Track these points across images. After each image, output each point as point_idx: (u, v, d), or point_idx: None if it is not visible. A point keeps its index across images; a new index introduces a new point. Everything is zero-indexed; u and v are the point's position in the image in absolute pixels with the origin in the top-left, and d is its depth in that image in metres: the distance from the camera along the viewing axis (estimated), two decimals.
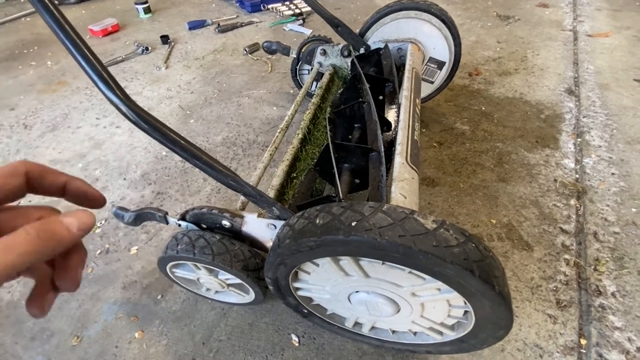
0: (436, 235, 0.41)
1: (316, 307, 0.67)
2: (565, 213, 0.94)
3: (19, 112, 1.44)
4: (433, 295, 0.49)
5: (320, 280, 0.56)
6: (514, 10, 1.98)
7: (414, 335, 0.63)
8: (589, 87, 1.37)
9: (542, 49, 1.62)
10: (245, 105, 1.40)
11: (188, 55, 1.76)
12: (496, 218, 0.94)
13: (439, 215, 0.95)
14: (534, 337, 0.71)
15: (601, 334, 0.71)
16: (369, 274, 0.50)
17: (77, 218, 0.23)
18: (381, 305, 0.54)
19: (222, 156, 1.18)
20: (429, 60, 1.10)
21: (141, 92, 1.52)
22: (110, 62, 1.71)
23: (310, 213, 0.48)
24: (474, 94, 1.37)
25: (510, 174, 1.05)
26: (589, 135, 1.17)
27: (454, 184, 1.03)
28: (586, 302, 0.76)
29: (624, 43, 1.62)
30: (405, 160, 0.66)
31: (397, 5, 1.04)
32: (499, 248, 0.87)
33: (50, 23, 0.47)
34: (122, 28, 2.06)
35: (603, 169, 1.05)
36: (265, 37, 1.88)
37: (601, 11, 1.91)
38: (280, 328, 0.75)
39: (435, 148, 1.15)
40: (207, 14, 2.16)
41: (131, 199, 1.05)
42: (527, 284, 0.80)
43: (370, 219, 0.43)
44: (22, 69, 1.74)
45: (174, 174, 1.12)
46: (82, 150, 1.23)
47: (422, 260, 0.40)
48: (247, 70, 1.62)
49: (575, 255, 0.85)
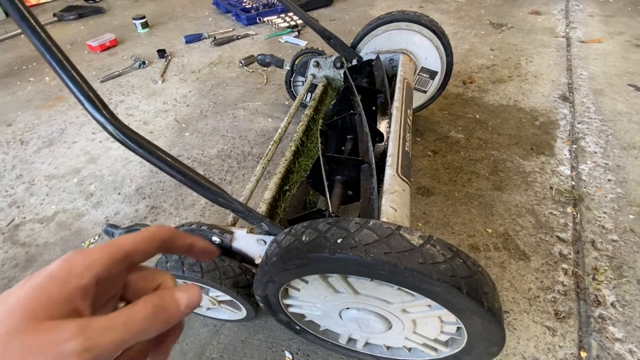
0: (422, 251, 0.40)
1: (309, 323, 0.65)
2: (562, 221, 0.93)
3: (16, 128, 1.45)
4: (424, 311, 0.48)
5: (310, 297, 0.55)
6: (507, 18, 2.00)
7: (408, 352, 0.62)
8: (583, 93, 1.37)
9: (536, 56, 1.63)
10: (240, 118, 1.40)
11: (184, 69, 1.78)
12: (492, 227, 0.93)
13: (435, 225, 0.95)
14: (532, 351, 0.70)
15: (601, 345, 0.70)
16: (358, 290, 0.49)
17: (187, 296, 0.25)
18: (372, 322, 0.53)
19: (217, 169, 1.18)
20: (421, 70, 1.10)
21: (138, 106, 1.53)
22: (108, 76, 1.73)
23: (297, 230, 0.47)
24: (468, 102, 1.37)
25: (506, 182, 1.05)
26: (584, 141, 1.16)
27: (449, 193, 1.02)
28: (585, 313, 0.75)
29: (617, 48, 1.62)
30: (396, 172, 0.66)
31: (388, 17, 1.05)
32: (495, 258, 0.86)
33: (36, 44, 0.48)
34: (120, 43, 2.09)
35: (599, 175, 1.04)
36: (261, 49, 1.90)
37: (593, 17, 1.93)
38: (273, 345, 0.74)
39: (430, 157, 1.15)
40: (203, 28, 2.19)
41: (125, 213, 1.05)
42: (524, 295, 0.79)
43: (356, 236, 0.42)
44: (21, 85, 1.76)
45: (168, 188, 1.12)
46: (78, 165, 1.24)
47: (408, 277, 0.39)
48: (242, 82, 1.63)
49: (573, 265, 0.83)
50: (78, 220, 1.04)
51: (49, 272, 0.22)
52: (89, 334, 0.19)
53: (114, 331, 0.20)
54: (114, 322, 0.21)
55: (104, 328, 0.20)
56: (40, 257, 0.95)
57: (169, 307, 0.24)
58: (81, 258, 0.22)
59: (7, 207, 1.10)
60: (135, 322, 0.21)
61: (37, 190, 1.15)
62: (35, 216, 1.07)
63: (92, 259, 0.23)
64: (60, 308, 0.20)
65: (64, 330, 0.19)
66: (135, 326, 0.21)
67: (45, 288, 0.21)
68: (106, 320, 0.21)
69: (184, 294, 0.25)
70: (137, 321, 0.21)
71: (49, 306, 0.20)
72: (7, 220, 1.06)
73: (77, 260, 0.22)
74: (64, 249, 0.96)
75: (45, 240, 0.99)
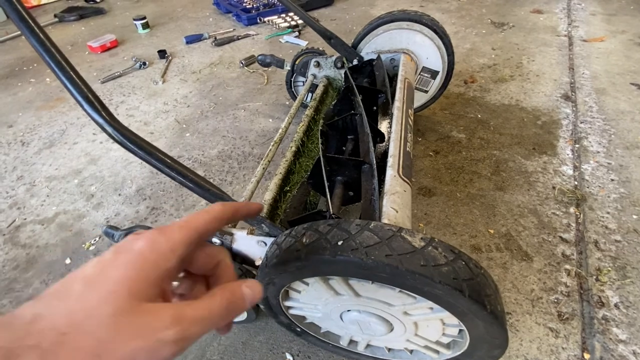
0: (424, 253, 0.40)
1: (310, 325, 0.65)
2: (565, 221, 0.92)
3: (17, 129, 1.45)
4: (425, 314, 0.48)
5: (311, 299, 0.55)
6: (508, 17, 1.99)
7: (410, 354, 0.61)
8: (585, 92, 1.36)
9: (538, 55, 1.62)
10: (241, 118, 1.40)
11: (185, 69, 1.78)
12: (494, 228, 0.92)
13: (437, 225, 0.94)
14: (535, 353, 0.69)
15: (605, 347, 0.69)
16: (359, 293, 0.49)
17: (252, 293, 0.27)
18: (373, 324, 0.53)
19: (218, 169, 1.18)
20: (422, 70, 1.09)
21: (138, 107, 1.53)
22: (108, 77, 1.73)
23: (297, 231, 0.47)
24: (470, 101, 1.37)
25: (508, 182, 1.04)
26: (587, 140, 1.15)
27: (451, 194, 1.02)
28: (589, 314, 0.74)
29: (619, 47, 1.61)
30: (397, 172, 0.66)
31: (389, 17, 1.04)
32: (497, 259, 0.85)
33: (34, 44, 0.47)
34: (121, 44, 2.09)
35: (602, 175, 1.03)
36: (262, 49, 1.90)
37: (596, 16, 1.91)
38: (274, 347, 0.73)
39: (432, 157, 1.14)
40: (204, 28, 2.19)
41: (126, 214, 1.05)
42: (527, 296, 0.78)
43: (357, 238, 0.42)
44: (22, 86, 1.76)
45: (169, 189, 1.12)
46: (78, 166, 1.24)
47: (410, 280, 0.39)
48: (243, 82, 1.63)
49: (576, 265, 0.83)
50: (79, 221, 1.04)
51: (138, 252, 0.23)
52: (183, 325, 0.21)
53: (200, 323, 0.22)
54: (200, 315, 0.23)
55: (192, 321, 0.22)
56: (40, 258, 0.95)
57: (239, 303, 0.26)
58: (165, 240, 0.24)
59: (7, 208, 1.10)
60: (215, 315, 0.24)
61: (37, 191, 1.15)
62: (35, 217, 1.07)
63: (174, 241, 0.24)
64: (154, 290, 0.22)
65: (163, 318, 0.21)
66: (214, 319, 0.23)
67: (140, 270, 0.22)
68: (193, 312, 0.22)
69: (249, 290, 0.27)
70: (216, 314, 0.24)
71: (146, 288, 0.21)
72: (8, 221, 1.06)
73: (162, 242, 0.23)
74: (64, 250, 0.96)
75: (45, 242, 0.99)
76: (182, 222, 0.26)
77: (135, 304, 0.20)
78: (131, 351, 0.19)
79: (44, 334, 0.18)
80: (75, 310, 0.19)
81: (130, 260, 0.22)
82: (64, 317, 0.19)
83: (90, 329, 0.19)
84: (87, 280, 0.21)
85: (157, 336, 0.20)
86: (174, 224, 0.25)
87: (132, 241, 0.23)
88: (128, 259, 0.22)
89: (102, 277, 0.21)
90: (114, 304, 0.20)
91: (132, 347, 0.19)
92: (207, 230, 0.27)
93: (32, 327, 0.18)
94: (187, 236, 0.25)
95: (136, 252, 0.22)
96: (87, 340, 0.19)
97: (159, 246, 0.23)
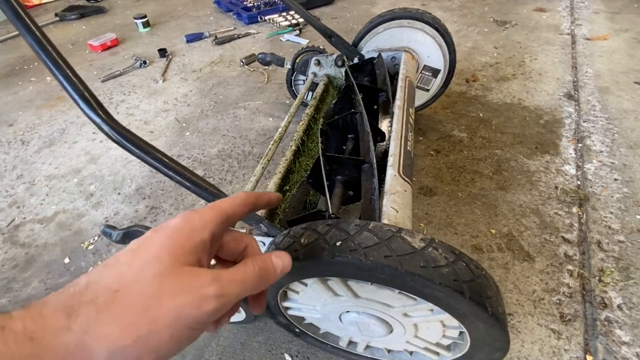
0: (424, 254, 0.39)
1: (308, 326, 0.64)
2: (567, 221, 0.91)
3: (17, 128, 1.45)
4: (425, 316, 0.47)
5: (309, 299, 0.54)
6: (511, 15, 1.97)
7: (409, 355, 0.61)
8: (588, 91, 1.35)
9: (540, 53, 1.60)
10: (241, 117, 1.40)
11: (185, 68, 1.77)
12: (496, 228, 0.91)
13: (438, 225, 0.93)
14: (537, 354, 0.68)
15: (608, 349, 0.68)
16: (358, 294, 0.48)
17: (282, 262, 0.30)
18: (372, 326, 0.52)
19: (218, 168, 1.17)
20: (423, 68, 1.09)
21: (138, 106, 1.52)
22: (109, 76, 1.73)
23: (296, 231, 0.46)
24: (472, 100, 1.36)
25: (510, 181, 1.03)
26: (590, 140, 1.14)
27: (452, 193, 1.01)
28: (591, 316, 0.73)
29: (622, 46, 1.60)
30: (398, 172, 0.65)
31: (390, 15, 1.03)
32: (499, 259, 0.84)
33: (30, 43, 0.47)
34: (121, 42, 2.09)
35: (605, 174, 1.02)
36: (262, 48, 1.89)
37: (599, 14, 1.90)
38: (273, 347, 0.73)
39: (433, 156, 1.14)
40: (204, 27, 2.19)
41: (125, 214, 1.04)
42: (529, 297, 0.77)
43: (356, 239, 0.41)
44: (22, 85, 1.76)
45: (168, 188, 1.11)
46: (78, 165, 1.23)
47: (410, 281, 0.38)
48: (243, 81, 1.62)
49: (578, 266, 0.82)
50: (78, 220, 1.04)
51: (174, 226, 0.26)
52: (221, 283, 0.24)
53: (237, 284, 0.25)
54: (235, 278, 0.25)
55: (229, 281, 0.25)
56: (40, 257, 0.95)
57: (270, 271, 0.28)
58: (197, 217, 0.27)
59: (7, 207, 1.10)
60: (249, 279, 0.26)
61: (37, 190, 1.15)
62: (35, 216, 1.06)
63: (205, 218, 0.27)
64: (192, 257, 0.25)
65: (203, 277, 0.24)
66: (249, 283, 0.26)
67: (177, 239, 0.25)
68: (229, 274, 0.25)
69: (279, 260, 0.30)
70: (250, 279, 0.26)
71: (184, 255, 0.24)
72: (7, 220, 1.06)
73: (195, 218, 0.27)
74: (63, 249, 0.96)
75: (45, 241, 0.99)
76: (210, 204, 0.29)
77: (177, 266, 0.23)
78: (177, 305, 0.22)
79: (99, 292, 0.21)
80: (124, 272, 0.22)
81: (167, 233, 0.25)
82: (115, 279, 0.22)
83: (139, 286, 0.22)
84: (132, 250, 0.24)
85: (200, 292, 0.23)
86: (204, 207, 0.28)
87: (169, 221, 0.27)
88: (166, 233, 0.25)
89: (145, 245, 0.24)
90: (158, 265, 0.23)
91: (178, 302, 0.22)
92: (234, 213, 0.30)
93: (87, 289, 0.22)
94: (217, 215, 0.28)
95: (172, 226, 0.26)
96: (137, 295, 0.21)
97: (192, 222, 0.26)
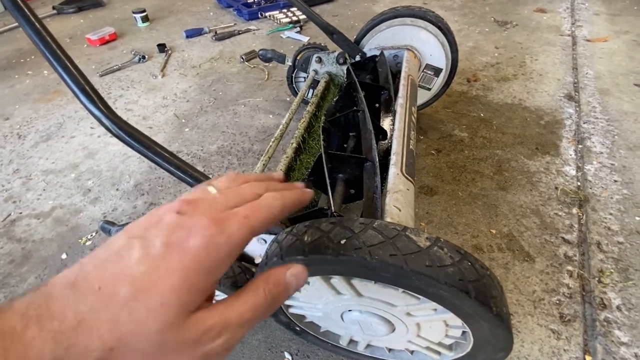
0: (429, 254, 0.39)
1: (309, 324, 0.64)
2: (567, 222, 0.91)
3: (14, 122, 1.43)
4: (429, 315, 0.47)
5: (311, 298, 0.54)
6: (512, 15, 1.97)
7: (411, 355, 0.60)
8: (588, 93, 1.35)
9: (541, 54, 1.60)
10: (241, 114, 1.39)
11: (185, 64, 1.76)
12: (496, 228, 0.91)
13: (438, 225, 0.93)
14: (537, 354, 0.68)
15: (607, 350, 0.68)
16: (361, 292, 0.48)
17: (297, 279, 0.27)
18: (375, 324, 0.52)
19: (217, 165, 1.16)
20: (425, 67, 1.08)
21: (137, 101, 1.51)
22: (107, 70, 1.71)
23: (299, 229, 0.46)
24: (473, 100, 1.36)
25: (510, 182, 1.03)
26: (590, 141, 1.14)
27: (453, 193, 1.01)
28: (591, 316, 0.74)
29: (623, 47, 1.60)
30: (400, 170, 0.64)
31: (393, 13, 1.02)
32: (499, 259, 0.84)
33: (30, 34, 0.46)
34: (120, 37, 2.06)
35: (605, 176, 1.03)
36: (263, 44, 1.88)
37: (599, 16, 1.90)
38: (272, 346, 0.72)
39: (434, 156, 1.13)
40: (204, 22, 2.17)
41: (123, 210, 1.03)
42: (529, 297, 0.77)
43: (361, 237, 0.40)
44: (19, 78, 1.74)
45: (167, 184, 1.10)
46: (76, 160, 1.22)
47: (415, 280, 0.38)
48: (243, 78, 1.61)
49: (578, 267, 0.82)
50: (75, 216, 1.03)
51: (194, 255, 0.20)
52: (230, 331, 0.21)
53: (246, 325, 0.22)
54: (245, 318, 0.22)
55: (238, 324, 0.22)
56: (36, 253, 0.94)
57: (283, 294, 0.25)
58: (224, 242, 0.22)
59: (3, 202, 1.09)
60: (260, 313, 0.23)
61: (34, 185, 1.14)
62: (31, 212, 1.05)
63: (233, 244, 0.22)
64: (204, 296, 0.21)
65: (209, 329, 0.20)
66: (259, 317, 0.23)
67: (194, 278, 0.20)
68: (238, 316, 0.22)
69: (294, 279, 0.26)
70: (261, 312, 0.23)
71: (197, 298, 0.21)
72: (3, 215, 1.05)
73: (221, 244, 0.22)
74: (60, 245, 0.95)
75: (41, 236, 0.98)
76: (242, 217, 0.23)
77: (183, 317, 0.20)
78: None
79: (91, 347, 0.18)
80: (122, 320, 0.18)
81: (184, 265, 0.20)
82: (111, 329, 0.18)
83: (138, 345, 0.19)
84: (134, 283, 0.19)
85: (205, 349, 0.20)
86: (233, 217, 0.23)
87: (187, 236, 0.21)
88: (182, 263, 0.20)
89: (152, 283, 0.19)
90: (163, 318, 0.19)
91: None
92: (262, 229, 0.25)
93: (78, 335, 0.18)
94: (246, 237, 0.23)
95: (191, 253, 0.20)
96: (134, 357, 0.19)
97: (217, 250, 0.21)
